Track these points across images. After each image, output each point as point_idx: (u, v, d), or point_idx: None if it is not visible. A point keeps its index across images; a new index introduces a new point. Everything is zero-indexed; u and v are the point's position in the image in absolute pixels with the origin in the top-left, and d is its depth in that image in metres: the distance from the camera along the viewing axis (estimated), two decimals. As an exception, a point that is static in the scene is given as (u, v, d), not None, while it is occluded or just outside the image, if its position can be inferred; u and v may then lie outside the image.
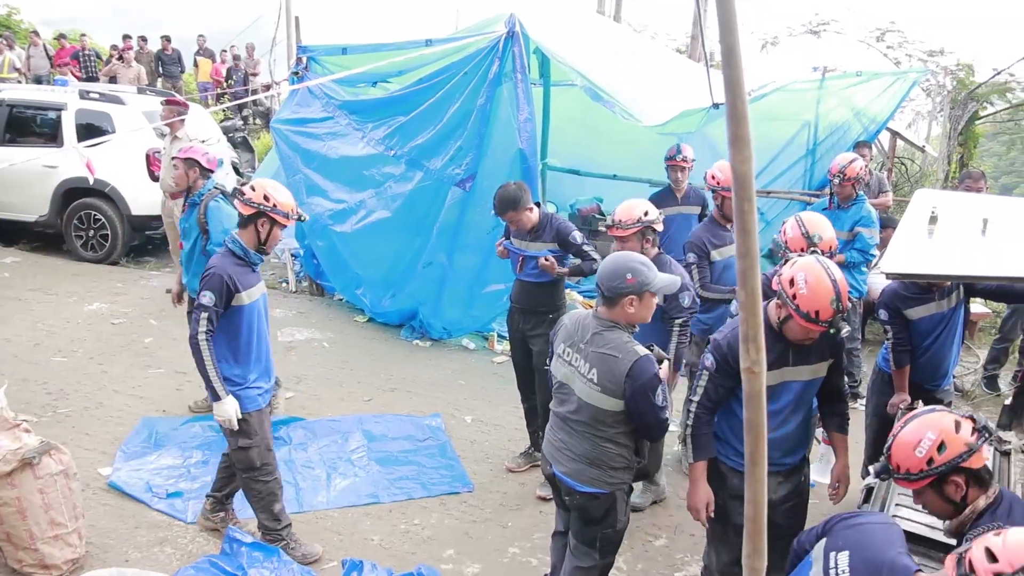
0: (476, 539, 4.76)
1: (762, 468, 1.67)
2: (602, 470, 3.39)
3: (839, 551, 2.35)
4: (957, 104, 13.31)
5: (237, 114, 16.78)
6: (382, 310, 8.02)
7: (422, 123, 7.27)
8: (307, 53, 8.49)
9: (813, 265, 3.14)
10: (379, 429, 5.89)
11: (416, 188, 7.39)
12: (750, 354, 1.53)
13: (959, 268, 3.18)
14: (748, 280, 1.50)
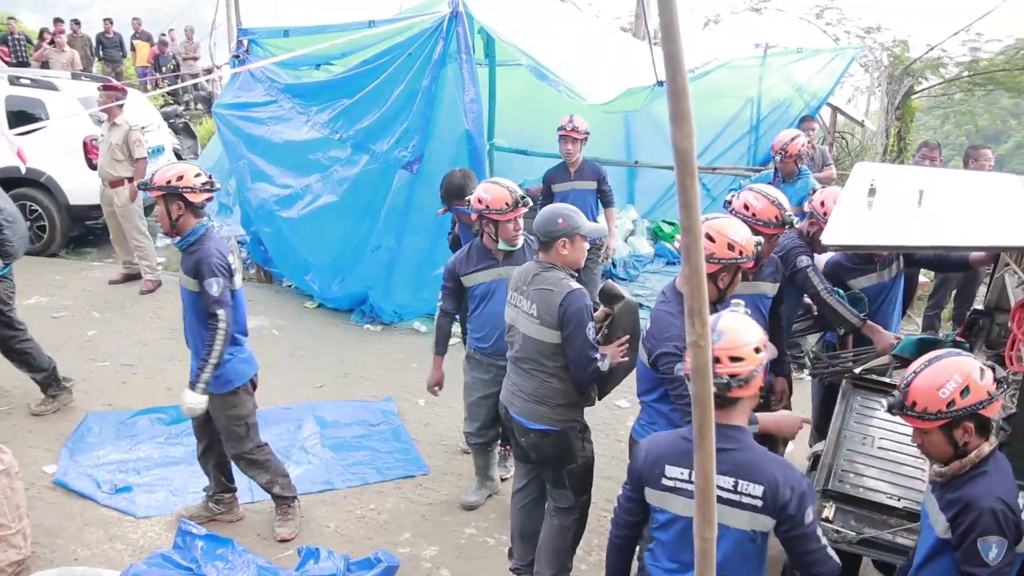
0: (433, 521, 4.76)
1: (710, 441, 1.68)
2: (549, 407, 3.69)
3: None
4: (893, 79, 13.58)
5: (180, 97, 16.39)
6: (332, 295, 7.92)
7: (367, 105, 7.17)
8: (248, 36, 8.31)
9: (715, 225, 3.37)
10: (332, 415, 5.83)
11: (362, 171, 7.30)
12: (695, 328, 1.54)
13: (897, 238, 3.24)
14: (692, 255, 1.50)
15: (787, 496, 2.43)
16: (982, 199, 3.65)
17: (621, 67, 7.82)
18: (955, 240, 3.18)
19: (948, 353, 2.50)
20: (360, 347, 7.19)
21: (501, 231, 4.27)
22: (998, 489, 2.38)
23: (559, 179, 6.45)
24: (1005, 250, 3.64)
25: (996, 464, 2.47)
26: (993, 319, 4.44)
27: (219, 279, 3.99)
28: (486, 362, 4.56)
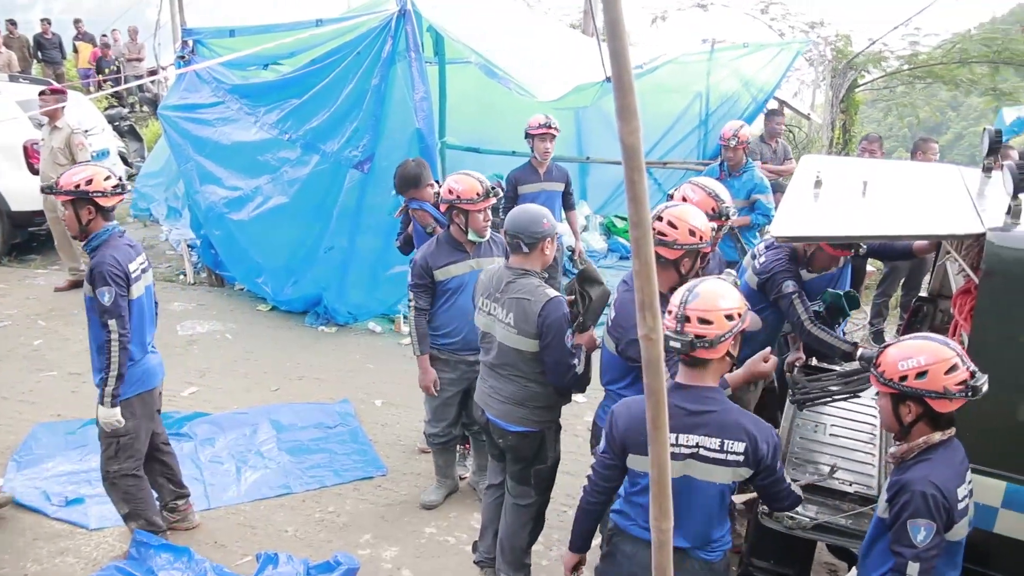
0: (392, 522, 4.73)
1: (664, 432, 1.70)
2: (528, 409, 3.74)
3: None
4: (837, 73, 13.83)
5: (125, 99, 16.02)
6: (285, 298, 7.83)
7: (316, 105, 7.09)
8: (193, 36, 8.16)
9: (671, 214, 3.35)
10: (288, 419, 5.77)
11: (313, 172, 7.22)
12: (647, 321, 1.55)
13: (843, 229, 3.30)
14: (642, 249, 1.50)
15: (765, 450, 2.66)
16: (923, 189, 3.74)
17: (570, 64, 7.85)
18: (898, 230, 3.25)
19: (938, 338, 2.58)
20: (315, 349, 7.12)
21: (471, 221, 4.27)
22: (935, 475, 2.46)
23: (528, 180, 6.38)
24: (945, 238, 3.73)
25: (944, 453, 2.54)
26: (936, 306, 4.56)
27: (110, 288, 3.79)
28: (453, 360, 4.54)
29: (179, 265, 9.16)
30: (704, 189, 4.02)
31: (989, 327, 2.81)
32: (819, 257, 4.05)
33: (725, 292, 2.71)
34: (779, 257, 4.12)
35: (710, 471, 2.66)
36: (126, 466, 4.10)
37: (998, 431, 2.85)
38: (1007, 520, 2.84)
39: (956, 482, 2.49)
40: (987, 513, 2.83)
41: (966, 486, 2.53)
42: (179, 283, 8.76)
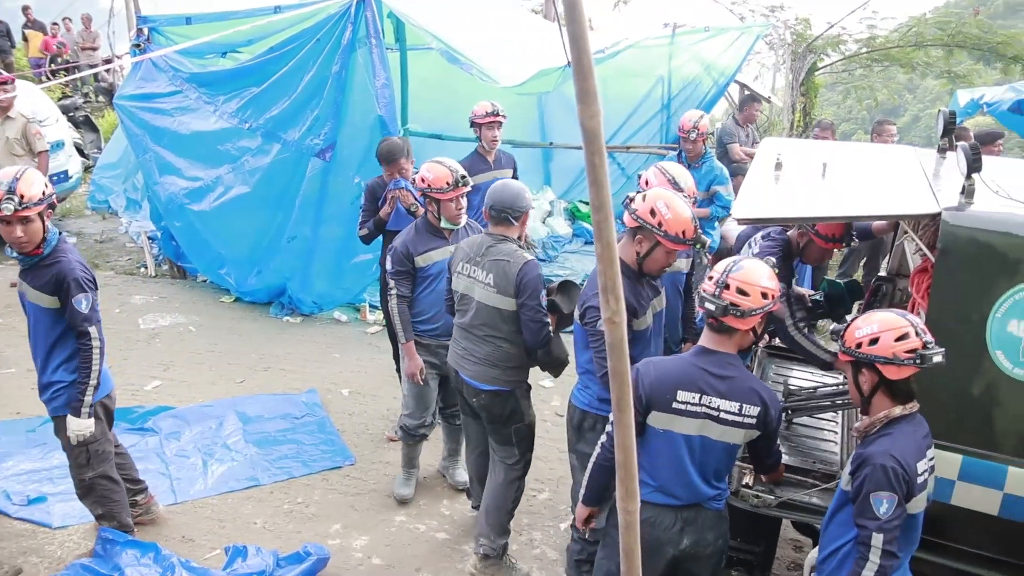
0: (361, 511, 4.72)
1: (629, 415, 1.71)
2: (501, 369, 3.93)
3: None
4: (797, 57, 13.96)
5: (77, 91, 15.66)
6: (249, 288, 7.75)
7: (276, 93, 7.00)
8: (148, 24, 7.98)
9: (663, 192, 3.47)
10: (254, 410, 5.72)
11: (275, 161, 7.13)
12: (610, 304, 1.55)
13: (804, 210, 3.34)
14: (604, 232, 1.51)
15: (774, 414, 2.91)
16: (881, 170, 3.80)
17: (533, 49, 7.82)
18: (857, 210, 3.30)
19: (903, 313, 2.67)
20: (280, 340, 7.06)
21: (443, 210, 4.31)
22: (896, 449, 2.54)
23: (479, 170, 6.33)
24: (902, 218, 3.79)
25: (906, 428, 2.61)
26: (895, 285, 4.64)
27: (87, 294, 3.71)
28: (433, 345, 4.55)
29: (140, 258, 9.01)
30: (665, 174, 4.10)
31: (945, 304, 2.87)
32: (811, 250, 3.98)
33: (766, 272, 2.88)
34: (774, 251, 4.01)
35: (725, 432, 2.88)
36: (100, 470, 4.04)
37: (954, 406, 2.91)
38: (963, 492, 2.92)
39: (916, 456, 2.56)
40: (945, 486, 2.90)
41: (926, 461, 2.60)
42: (140, 276, 8.62)
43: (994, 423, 2.91)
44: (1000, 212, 2.86)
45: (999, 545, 2.97)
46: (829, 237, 3.89)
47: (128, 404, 5.63)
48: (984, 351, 2.82)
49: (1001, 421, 2.90)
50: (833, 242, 3.94)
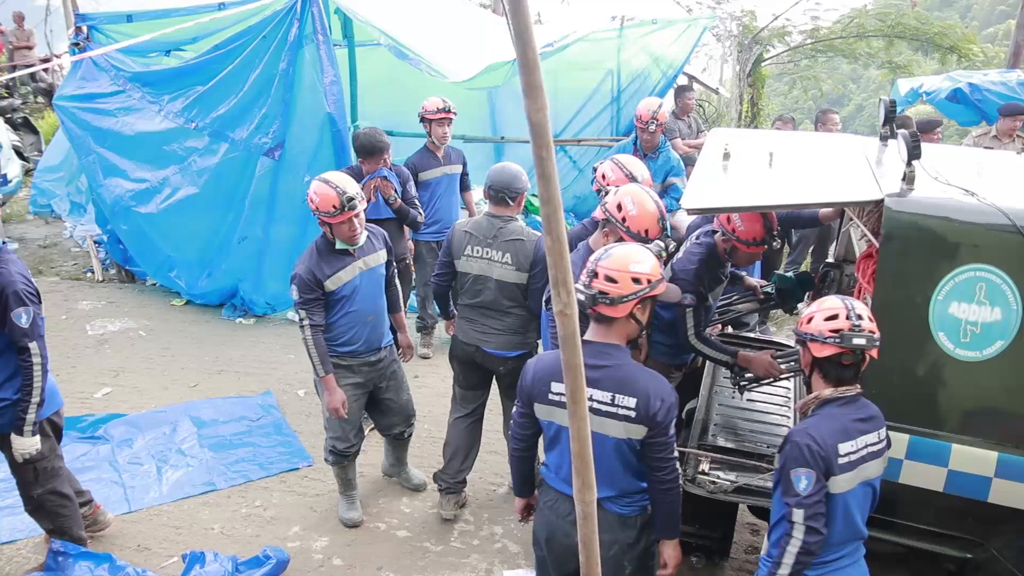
0: (321, 512, 4.69)
1: (583, 406, 1.73)
2: (522, 335, 4.28)
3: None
4: (744, 48, 14.17)
5: (15, 93, 15.21)
6: (200, 291, 7.63)
7: (222, 92, 6.89)
8: (87, 22, 7.79)
9: (636, 190, 3.51)
10: (209, 414, 5.64)
11: (223, 161, 7.03)
12: (561, 297, 1.57)
13: (752, 199, 3.39)
14: (553, 226, 1.52)
15: (657, 406, 2.71)
16: (826, 159, 3.87)
17: (482, 43, 7.81)
18: (803, 198, 3.37)
19: (850, 300, 2.73)
20: (234, 342, 6.97)
21: (336, 232, 4.08)
22: (813, 428, 2.63)
23: (428, 166, 6.31)
24: (847, 205, 3.88)
25: (835, 410, 2.68)
26: (842, 271, 4.75)
27: (27, 308, 3.54)
28: (356, 364, 4.33)
29: (86, 262, 8.81)
30: (622, 168, 4.10)
31: (889, 289, 2.95)
32: (738, 254, 3.97)
33: (638, 256, 2.79)
34: (693, 260, 3.95)
35: (603, 423, 2.75)
36: (50, 486, 3.90)
37: (900, 387, 2.99)
38: (911, 470, 3.00)
39: (838, 437, 2.61)
40: (893, 465, 2.98)
41: (852, 443, 2.62)
42: (87, 281, 8.43)
43: (938, 403, 3.00)
44: (940, 197, 2.94)
45: (945, 520, 3.06)
46: (751, 241, 3.83)
47: (78, 412, 5.51)
48: (927, 333, 2.90)
49: (944, 400, 2.99)
50: (756, 245, 3.85)
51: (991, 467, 2.92)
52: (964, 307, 2.86)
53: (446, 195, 6.41)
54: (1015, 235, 2.77)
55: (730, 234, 3.86)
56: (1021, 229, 2.76)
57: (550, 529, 3.00)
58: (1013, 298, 2.81)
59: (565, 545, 2.93)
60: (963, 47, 13.57)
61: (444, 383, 5.73)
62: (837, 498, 2.63)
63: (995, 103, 9.08)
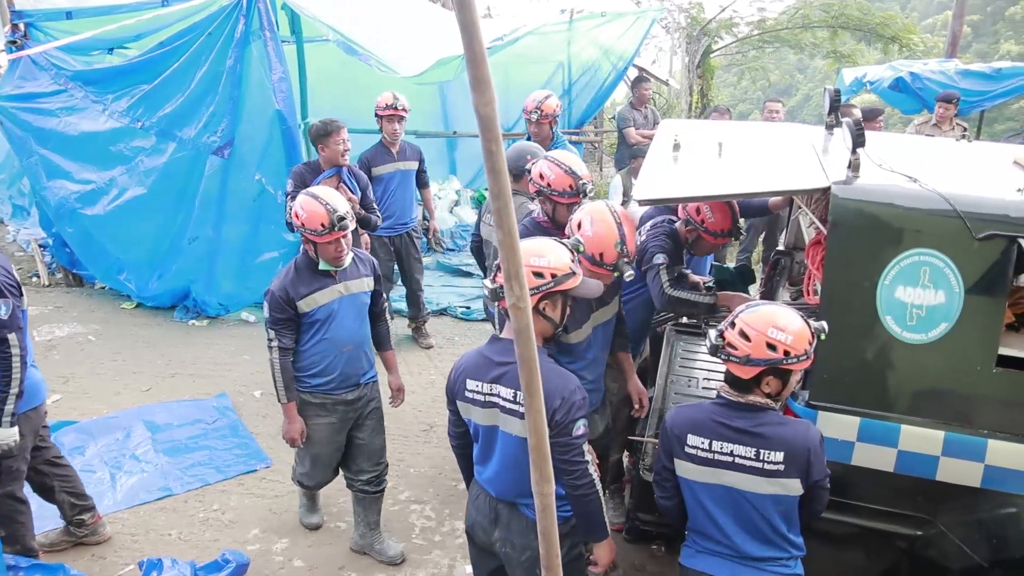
0: (280, 514, 4.63)
1: (539, 399, 1.73)
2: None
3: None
4: (692, 40, 14.33)
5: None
6: (151, 293, 7.49)
7: (169, 90, 6.77)
8: (24, 19, 7.56)
9: (599, 208, 3.33)
10: (163, 418, 5.54)
11: (171, 160, 6.90)
12: (514, 291, 1.56)
13: (702, 189, 3.42)
14: (504, 220, 1.51)
15: (555, 404, 2.59)
16: (774, 148, 3.93)
17: (432, 37, 7.77)
18: (752, 187, 3.40)
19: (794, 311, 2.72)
20: (187, 344, 6.85)
21: (321, 252, 3.76)
22: (678, 411, 2.81)
23: (381, 161, 6.26)
24: (795, 193, 3.94)
25: (709, 405, 2.76)
26: (793, 258, 4.83)
27: (7, 300, 3.47)
28: (329, 402, 4.00)
29: (31, 267, 8.58)
30: (560, 165, 3.90)
31: (838, 274, 3.00)
32: (701, 244, 4.00)
33: (540, 249, 2.73)
34: (657, 233, 4.03)
35: (508, 422, 2.70)
36: (10, 489, 3.79)
37: (850, 370, 3.05)
38: (862, 452, 3.06)
39: (690, 428, 2.70)
40: (845, 447, 3.04)
41: (703, 441, 2.66)
42: (33, 286, 8.21)
43: (887, 385, 3.06)
44: (884, 184, 3.00)
45: (896, 499, 3.13)
46: (719, 232, 3.88)
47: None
48: (875, 317, 2.96)
49: (893, 383, 3.06)
50: (723, 236, 3.92)
51: (938, 446, 3.00)
52: (910, 291, 2.92)
53: (400, 190, 6.36)
54: (956, 220, 2.84)
55: (698, 224, 3.87)
56: (961, 214, 2.83)
57: (471, 525, 2.98)
58: (955, 281, 2.88)
59: (483, 542, 2.93)
60: (904, 37, 13.89)
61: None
62: (685, 482, 2.76)
63: (935, 91, 9.35)
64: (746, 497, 2.64)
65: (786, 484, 2.61)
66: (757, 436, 2.61)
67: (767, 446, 2.59)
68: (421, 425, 5.61)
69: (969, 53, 27.95)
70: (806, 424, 2.71)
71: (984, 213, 2.85)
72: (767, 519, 2.65)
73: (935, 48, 15.52)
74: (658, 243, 3.95)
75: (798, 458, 2.59)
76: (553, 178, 3.87)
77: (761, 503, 2.64)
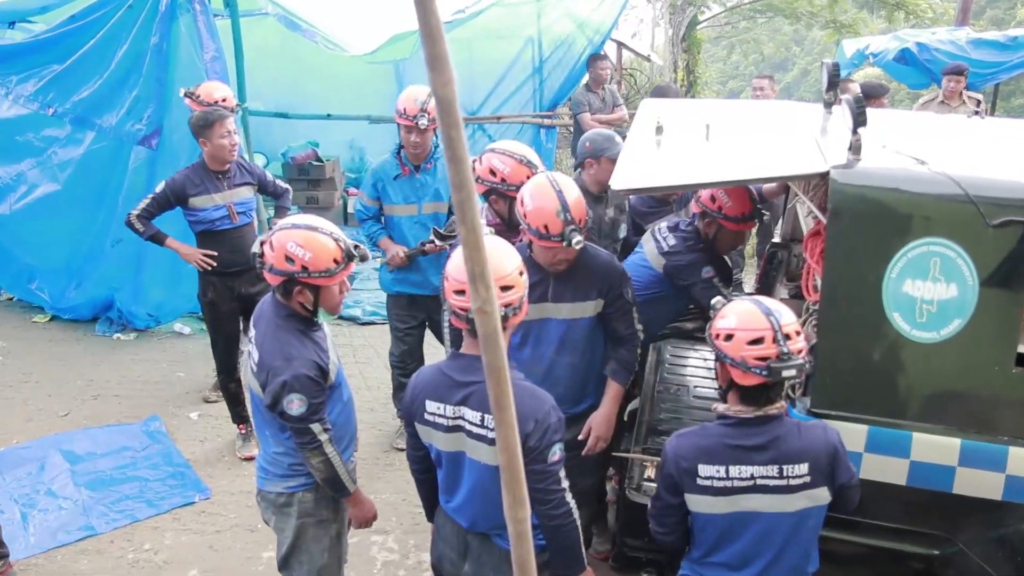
0: (222, 551, 4.61)
1: (510, 413, 1.74)
2: None
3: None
4: (676, 9, 14.43)
5: None
6: (68, 304, 7.43)
7: (84, 71, 6.72)
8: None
9: (538, 181, 3.40)
10: (84, 447, 5.49)
11: (89, 151, 6.86)
12: (480, 293, 1.58)
13: (687, 177, 3.45)
14: (467, 214, 1.52)
15: (529, 428, 2.58)
16: (766, 129, 3.97)
17: (385, 11, 7.78)
18: (742, 174, 3.43)
19: (762, 303, 2.75)
20: (111, 361, 6.79)
21: (325, 297, 3.19)
22: (681, 441, 2.76)
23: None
24: (790, 179, 3.98)
25: (716, 428, 2.74)
26: (790, 251, 4.89)
27: None
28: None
29: (-73, 276, 8.45)
30: (513, 156, 3.86)
31: (839, 268, 3.03)
32: (724, 236, 4.04)
33: (502, 259, 2.70)
34: (687, 239, 4.08)
35: (475, 448, 2.70)
36: None
37: (855, 374, 3.09)
38: (871, 464, 3.09)
39: (701, 457, 2.67)
40: (851, 459, 3.06)
41: (717, 469, 2.66)
42: (-71, 298, 8.10)
43: (897, 389, 3.10)
44: (889, 167, 3.04)
45: (909, 516, 3.18)
46: (739, 217, 3.93)
47: (-76, 452, 5.29)
48: (882, 314, 2.99)
49: (903, 387, 3.10)
50: (745, 220, 3.99)
51: (955, 455, 3.04)
52: (919, 285, 2.95)
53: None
54: (968, 205, 2.88)
55: (716, 213, 3.93)
56: (974, 199, 2.87)
57: (438, 558, 3.02)
58: (969, 273, 2.92)
59: (451, 574, 2.96)
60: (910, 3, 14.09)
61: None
62: (699, 516, 2.74)
63: (944, 63, 9.45)
64: (770, 519, 2.67)
65: (814, 495, 2.67)
66: (777, 451, 2.64)
67: (789, 460, 2.63)
68: (382, 447, 5.61)
69: (982, 20, 28.44)
70: (822, 426, 2.76)
71: (999, 197, 2.88)
72: (794, 536, 2.70)
73: (945, 15, 15.75)
74: (694, 255, 4.02)
75: (822, 465, 2.65)
76: (508, 171, 3.84)
77: (787, 521, 2.68)
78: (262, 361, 3.11)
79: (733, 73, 33.49)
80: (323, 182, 9.69)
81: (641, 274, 4.17)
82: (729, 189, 3.89)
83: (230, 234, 5.26)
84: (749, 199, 3.98)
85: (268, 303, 3.25)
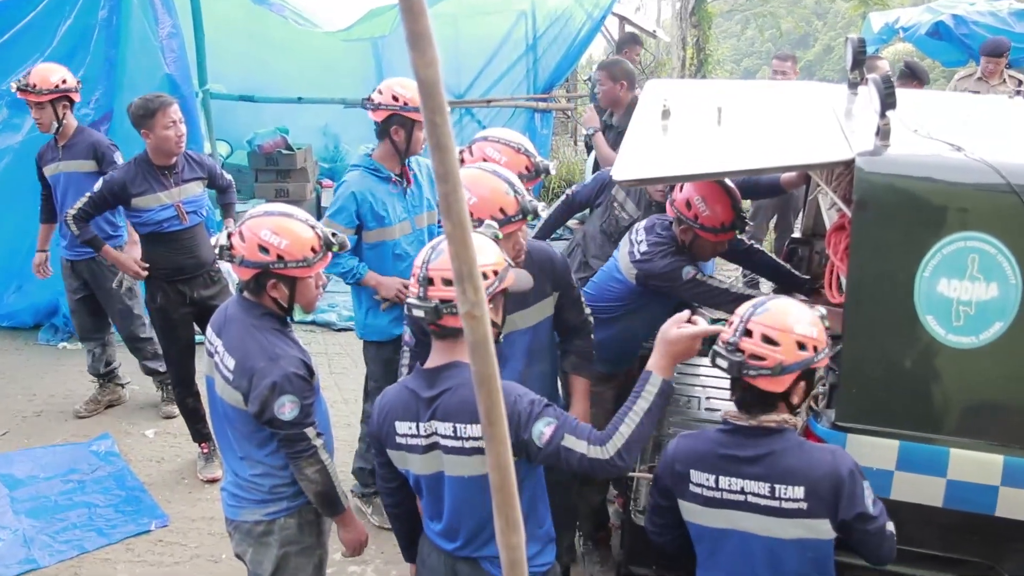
0: (181, 585, 4.60)
1: (501, 428, 1.73)
2: None
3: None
4: (685, -21, 14.44)
5: None
6: (7, 310, 7.48)
7: (22, 49, 6.73)
8: None
9: (468, 174, 3.27)
10: (25, 469, 5.51)
11: (29, 139, 6.83)
12: (467, 295, 1.57)
13: (697, 167, 3.43)
14: (453, 208, 1.52)
15: (511, 422, 2.57)
16: (786, 113, 3.97)
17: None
18: (758, 162, 3.42)
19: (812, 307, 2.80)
20: (56, 373, 6.80)
21: (302, 292, 3.19)
22: (679, 443, 2.87)
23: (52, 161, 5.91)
24: (810, 168, 3.97)
25: (712, 434, 2.82)
26: (812, 247, 4.89)
27: None
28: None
29: None
30: (510, 145, 3.82)
31: (866, 266, 3.02)
32: (700, 245, 4.02)
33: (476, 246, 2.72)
34: (661, 243, 4.04)
35: (452, 464, 2.72)
36: None
37: (884, 384, 3.09)
38: (903, 483, 3.09)
39: (693, 462, 2.75)
40: (882, 478, 3.06)
41: (707, 477, 2.72)
42: None
43: (931, 400, 3.09)
44: (921, 154, 3.04)
45: (947, 542, 3.17)
46: (718, 227, 3.89)
47: None
48: (914, 317, 2.98)
49: (938, 398, 3.09)
50: (724, 231, 3.94)
51: (997, 474, 3.02)
52: (955, 284, 2.94)
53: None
54: (1010, 196, 2.87)
55: (691, 221, 3.88)
56: (1016, 189, 2.86)
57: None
58: (1011, 271, 2.91)
59: None
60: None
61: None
62: (694, 528, 2.82)
63: (983, 38, 9.42)
64: (766, 545, 2.67)
65: (811, 526, 2.64)
66: (771, 467, 2.64)
67: (783, 479, 2.62)
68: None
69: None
70: (832, 450, 2.74)
71: (1044, 187, 2.89)
72: (795, 571, 2.69)
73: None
74: (668, 260, 3.98)
75: (823, 492, 2.61)
76: (505, 161, 3.74)
77: (784, 551, 2.67)
78: (240, 366, 3.06)
79: (748, 50, 33.59)
80: (294, 172, 9.60)
81: (611, 290, 4.16)
82: (708, 195, 3.85)
83: (180, 236, 5.19)
84: (731, 207, 3.90)
85: (234, 306, 3.22)
